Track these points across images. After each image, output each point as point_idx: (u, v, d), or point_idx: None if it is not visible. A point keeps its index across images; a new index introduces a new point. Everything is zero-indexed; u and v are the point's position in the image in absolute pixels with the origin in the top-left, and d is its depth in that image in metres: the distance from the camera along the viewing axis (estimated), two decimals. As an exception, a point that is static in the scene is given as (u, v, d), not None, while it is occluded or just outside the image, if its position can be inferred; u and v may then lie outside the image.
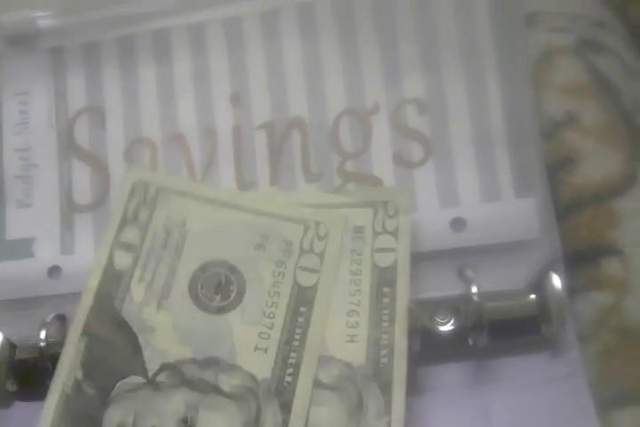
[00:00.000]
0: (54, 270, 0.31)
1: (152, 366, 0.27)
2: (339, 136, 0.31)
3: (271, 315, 0.28)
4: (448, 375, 0.30)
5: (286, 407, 0.27)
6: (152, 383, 0.27)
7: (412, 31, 0.31)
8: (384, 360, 0.27)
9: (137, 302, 0.28)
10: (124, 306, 0.28)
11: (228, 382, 0.27)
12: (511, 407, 0.29)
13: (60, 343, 0.29)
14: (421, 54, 0.31)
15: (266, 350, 0.27)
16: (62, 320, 0.30)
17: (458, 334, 0.29)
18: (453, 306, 0.29)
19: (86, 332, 0.28)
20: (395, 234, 0.29)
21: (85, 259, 0.31)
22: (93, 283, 0.28)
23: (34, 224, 0.32)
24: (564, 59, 0.33)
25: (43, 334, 0.29)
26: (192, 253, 0.29)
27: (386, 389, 0.27)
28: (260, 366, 0.27)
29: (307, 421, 0.27)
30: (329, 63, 0.32)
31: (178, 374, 0.27)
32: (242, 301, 0.28)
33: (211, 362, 0.27)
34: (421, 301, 0.29)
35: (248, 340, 0.28)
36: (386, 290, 0.28)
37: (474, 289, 0.29)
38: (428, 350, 0.29)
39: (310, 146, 0.31)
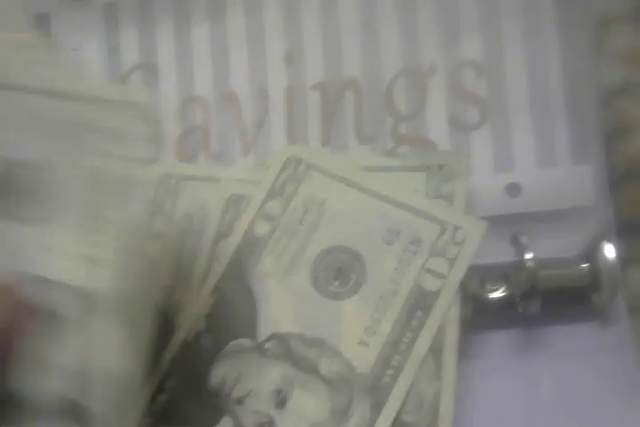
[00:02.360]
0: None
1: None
2: (393, 98, 0.31)
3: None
4: (497, 342, 0.29)
5: (377, 407, 0.27)
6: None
7: (472, -8, 0.31)
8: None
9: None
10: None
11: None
12: (559, 375, 0.29)
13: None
14: (481, 16, 0.31)
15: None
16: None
17: (508, 301, 0.29)
18: (504, 273, 0.29)
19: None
20: (449, 199, 0.29)
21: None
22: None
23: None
24: (620, 27, 0.32)
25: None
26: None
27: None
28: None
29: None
30: (385, 23, 0.31)
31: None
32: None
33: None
34: (472, 267, 0.28)
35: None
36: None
37: (528, 256, 0.28)
38: (477, 316, 0.29)
39: (364, 107, 0.31)
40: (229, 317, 0.28)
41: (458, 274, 0.28)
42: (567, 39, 0.30)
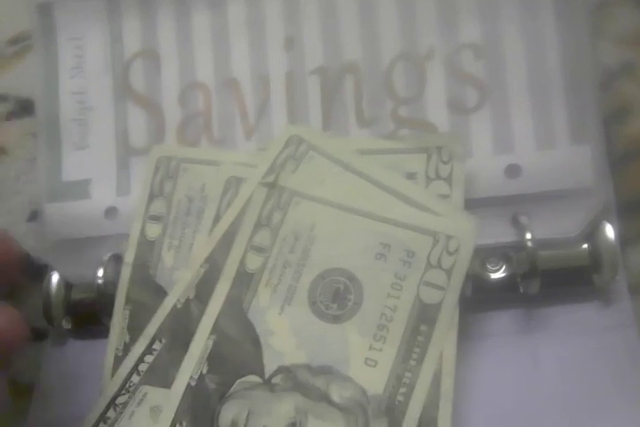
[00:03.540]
0: (111, 211, 0.32)
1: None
2: (393, 81, 0.31)
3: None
4: (498, 322, 0.30)
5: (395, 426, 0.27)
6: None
7: (470, -26, 0.31)
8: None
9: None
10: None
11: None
12: (559, 356, 0.29)
13: (116, 283, 0.30)
14: (478, -2, 0.31)
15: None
16: (118, 260, 0.31)
17: (509, 282, 0.29)
18: (505, 253, 0.29)
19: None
20: (448, 180, 0.29)
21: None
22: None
23: (90, 166, 0.33)
24: (621, 8, 0.32)
25: (99, 274, 0.30)
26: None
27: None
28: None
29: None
30: (384, 7, 0.31)
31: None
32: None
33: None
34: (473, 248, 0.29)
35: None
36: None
37: (528, 236, 0.29)
38: (478, 296, 0.29)
39: (364, 91, 0.31)
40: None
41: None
42: (565, 20, 0.30)
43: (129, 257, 0.30)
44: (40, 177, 0.33)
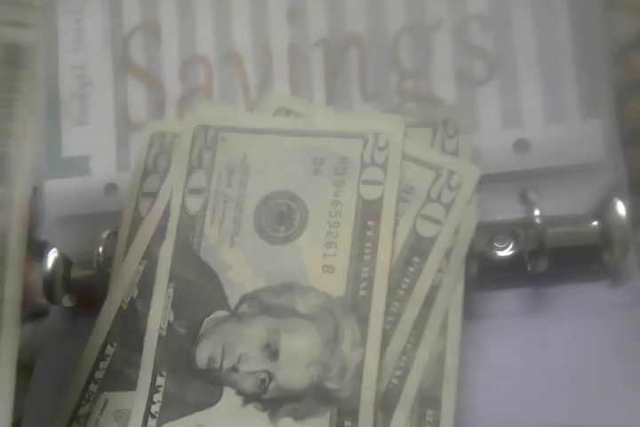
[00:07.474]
0: (110, 188, 0.32)
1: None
2: (398, 54, 0.30)
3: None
4: (505, 301, 0.29)
5: (363, 321, 0.27)
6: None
7: (477, -58, 0.30)
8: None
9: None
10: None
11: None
12: (568, 335, 0.28)
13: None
14: (486, -33, 0.30)
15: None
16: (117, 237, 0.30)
17: (516, 260, 0.29)
18: (513, 231, 0.29)
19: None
20: (455, 154, 0.28)
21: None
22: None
23: (90, 142, 0.32)
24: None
25: (99, 251, 0.30)
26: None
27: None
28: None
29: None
30: (389, -23, 0.31)
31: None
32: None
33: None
34: (480, 225, 0.28)
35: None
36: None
37: (536, 213, 0.28)
38: (485, 275, 0.28)
39: (368, 64, 0.31)
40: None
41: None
42: (576, -12, 0.30)
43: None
44: (39, 153, 0.33)
